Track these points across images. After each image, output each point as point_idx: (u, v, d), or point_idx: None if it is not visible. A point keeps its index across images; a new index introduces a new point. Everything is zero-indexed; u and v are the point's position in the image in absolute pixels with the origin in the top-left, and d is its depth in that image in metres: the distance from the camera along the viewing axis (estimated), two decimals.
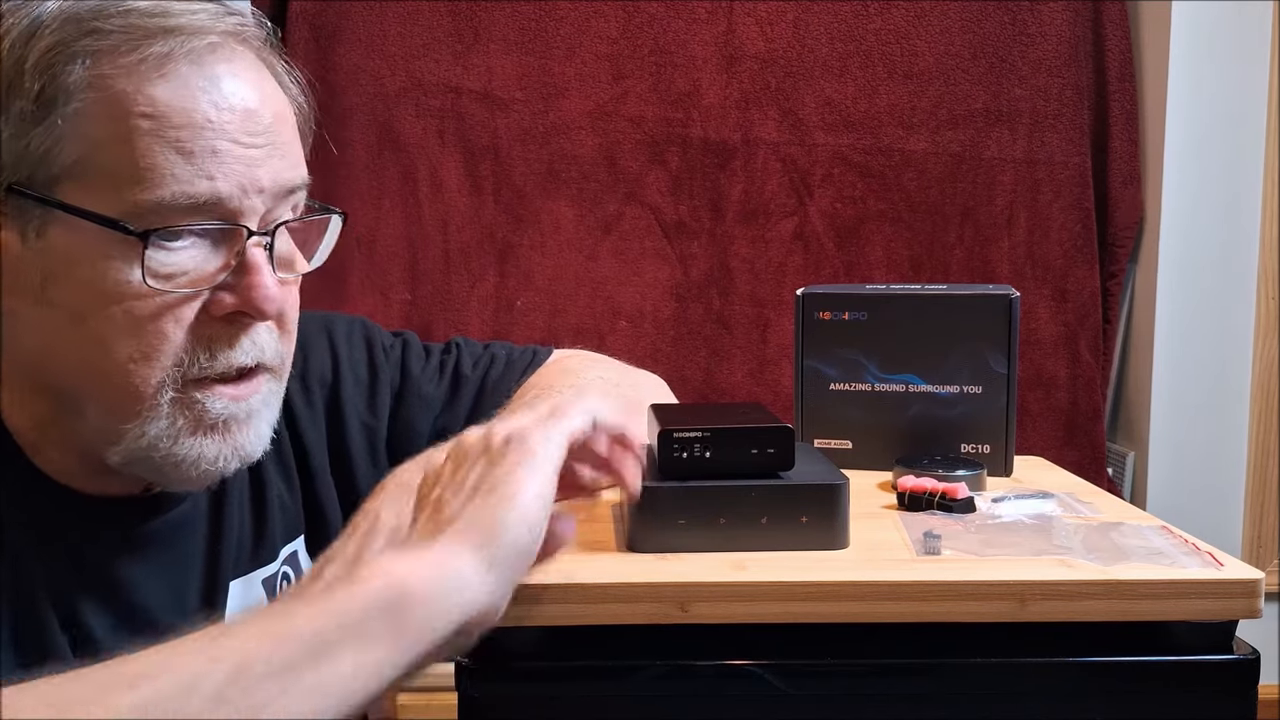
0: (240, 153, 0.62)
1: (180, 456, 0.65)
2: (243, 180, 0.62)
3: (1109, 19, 1.86)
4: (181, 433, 0.64)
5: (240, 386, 0.66)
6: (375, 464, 0.82)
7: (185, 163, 0.61)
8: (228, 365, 0.65)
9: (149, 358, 0.62)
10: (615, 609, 0.61)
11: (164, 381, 0.63)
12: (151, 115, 0.60)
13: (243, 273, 0.64)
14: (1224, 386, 1.90)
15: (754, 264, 1.88)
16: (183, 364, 0.63)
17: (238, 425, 0.66)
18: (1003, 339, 0.85)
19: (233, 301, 0.64)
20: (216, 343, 0.64)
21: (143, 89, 0.61)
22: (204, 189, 0.61)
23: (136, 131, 0.60)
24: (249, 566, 0.76)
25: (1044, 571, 0.62)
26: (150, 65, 0.61)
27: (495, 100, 1.84)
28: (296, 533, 0.80)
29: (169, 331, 0.63)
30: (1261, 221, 1.87)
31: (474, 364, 0.88)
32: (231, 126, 0.62)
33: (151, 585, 0.69)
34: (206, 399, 0.64)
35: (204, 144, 0.61)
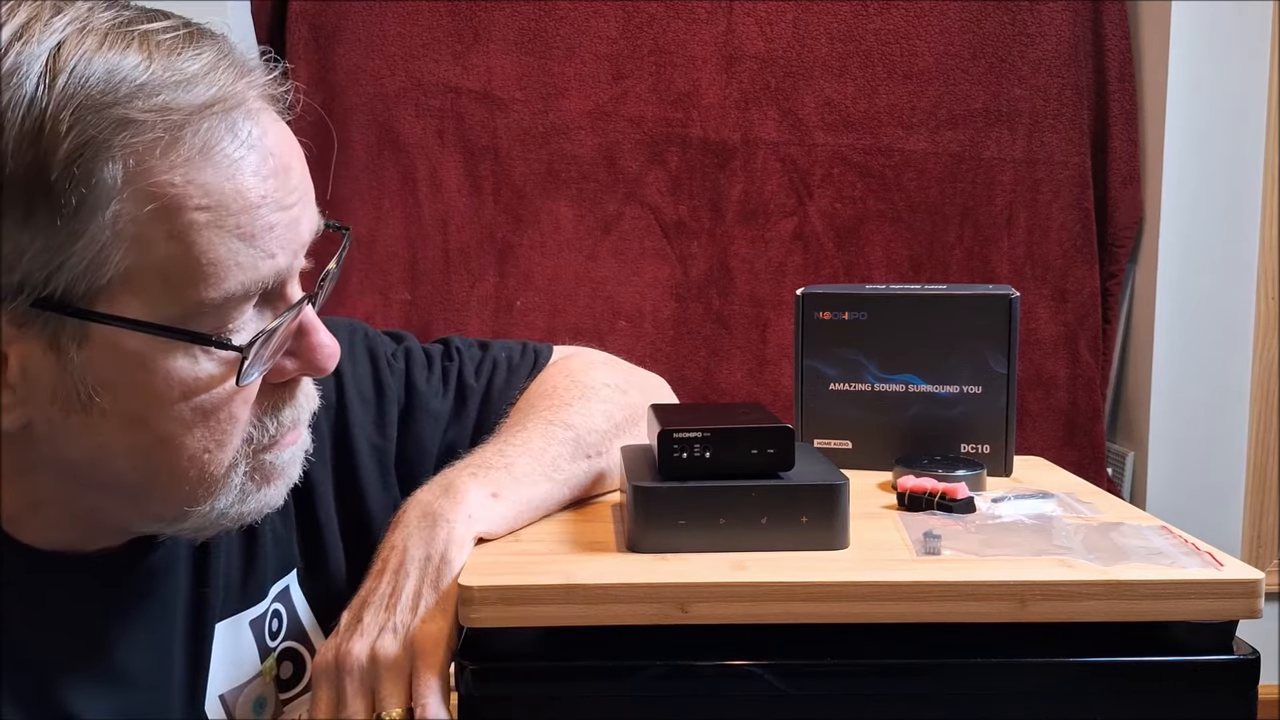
0: (286, 218, 0.60)
1: (246, 511, 0.64)
2: (293, 246, 0.61)
3: (1109, 19, 1.86)
4: (249, 494, 0.64)
5: (294, 432, 0.66)
6: (386, 485, 0.80)
7: (248, 248, 0.58)
8: (293, 423, 0.65)
9: (223, 444, 0.61)
10: (615, 609, 0.61)
11: (236, 460, 0.62)
12: (208, 207, 0.56)
13: (300, 335, 0.63)
14: (1224, 386, 1.90)
15: (753, 264, 1.88)
16: (252, 439, 0.63)
17: (294, 465, 0.67)
18: (1002, 339, 0.85)
19: (295, 367, 0.64)
20: (280, 407, 0.64)
21: (194, 180, 0.56)
22: (268, 269, 0.59)
23: (194, 227, 0.56)
24: (237, 607, 0.73)
25: (1044, 571, 0.62)
26: (198, 154, 0.56)
27: (495, 100, 1.84)
28: (289, 567, 0.77)
29: (239, 413, 0.61)
30: (1261, 221, 1.87)
31: (476, 371, 0.86)
32: (277, 193, 0.59)
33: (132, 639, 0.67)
34: (274, 457, 0.64)
35: (261, 223, 0.58)
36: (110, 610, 0.67)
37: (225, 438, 0.61)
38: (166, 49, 0.57)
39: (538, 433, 0.76)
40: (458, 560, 0.66)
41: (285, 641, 0.75)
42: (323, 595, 0.77)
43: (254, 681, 0.73)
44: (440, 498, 0.69)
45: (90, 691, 0.65)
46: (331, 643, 0.64)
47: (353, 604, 0.66)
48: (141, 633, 0.68)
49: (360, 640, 0.63)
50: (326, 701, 0.63)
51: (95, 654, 0.66)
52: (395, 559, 0.66)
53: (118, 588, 0.67)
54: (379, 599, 0.65)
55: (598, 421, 0.79)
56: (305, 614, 0.77)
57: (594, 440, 0.78)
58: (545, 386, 0.83)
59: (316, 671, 0.64)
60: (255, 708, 0.73)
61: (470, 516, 0.68)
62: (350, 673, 0.62)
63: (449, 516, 0.67)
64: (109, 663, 0.66)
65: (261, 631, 0.74)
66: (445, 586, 0.64)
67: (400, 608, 0.64)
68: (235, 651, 0.72)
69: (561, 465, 0.75)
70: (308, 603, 0.77)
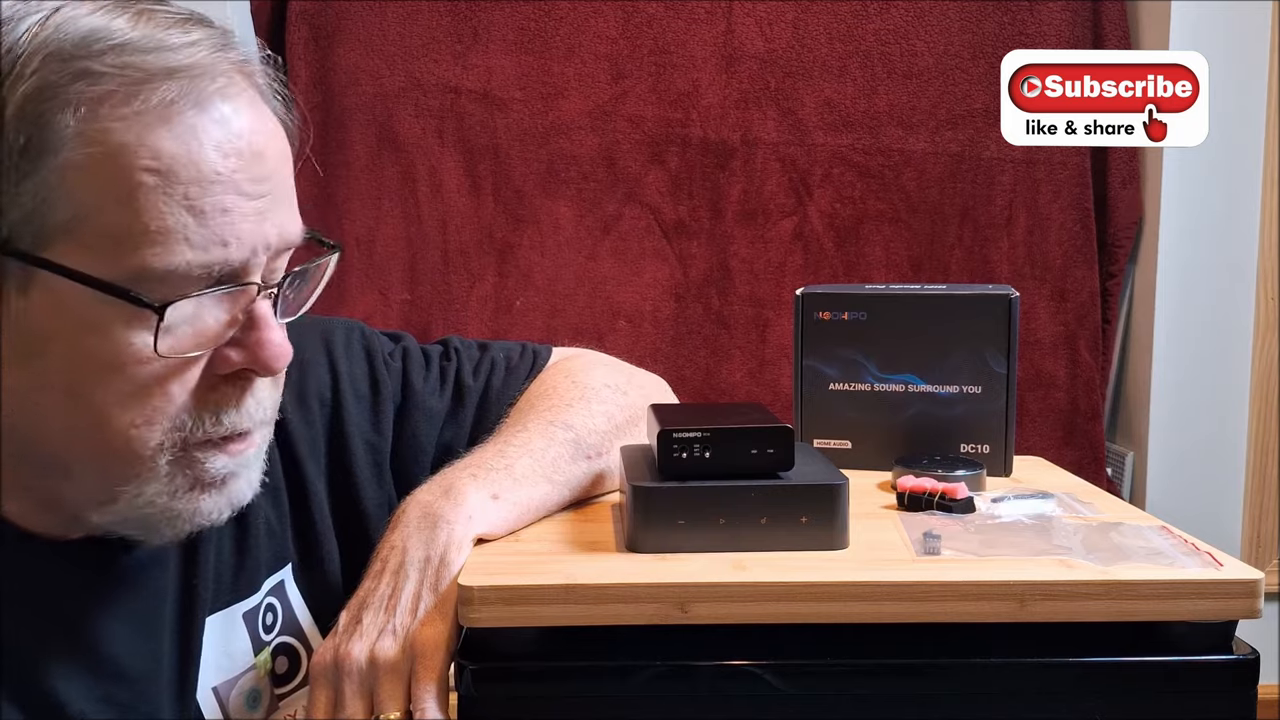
0: (248, 206, 0.59)
1: (176, 512, 0.62)
2: (253, 240, 0.59)
3: (1108, 19, 1.86)
4: (179, 490, 0.62)
5: (239, 443, 0.63)
6: (381, 483, 0.80)
7: (198, 225, 0.56)
8: (232, 428, 0.62)
9: (151, 422, 0.59)
10: (615, 609, 0.61)
11: (163, 444, 0.60)
12: (158, 170, 0.55)
13: (250, 328, 0.61)
14: (1223, 386, 1.90)
15: (753, 264, 1.88)
16: (185, 427, 0.60)
17: (234, 479, 0.64)
18: (1002, 339, 0.85)
19: (239, 359, 0.61)
20: (222, 406, 0.62)
21: (145, 140, 0.55)
22: (218, 256, 0.58)
23: (142, 189, 0.55)
24: (228, 599, 0.72)
25: (1044, 572, 0.62)
26: (153, 114, 0.56)
27: (495, 100, 1.84)
28: (283, 562, 0.76)
29: (174, 394, 0.59)
30: (1261, 221, 1.87)
31: (474, 371, 0.85)
32: (239, 175, 0.58)
33: (121, 630, 0.66)
34: (207, 458, 0.62)
35: (214, 200, 0.57)
36: (98, 600, 0.66)
37: (155, 415, 0.59)
38: (158, 23, 0.58)
39: (538, 433, 0.76)
40: (457, 562, 0.66)
41: (280, 636, 0.75)
42: (318, 591, 0.77)
43: (247, 675, 0.73)
44: (440, 499, 0.69)
45: (77, 681, 0.65)
46: (330, 643, 0.64)
47: (351, 604, 0.66)
48: (129, 623, 0.67)
49: (359, 642, 0.63)
50: (325, 702, 0.63)
51: (83, 644, 0.66)
52: (395, 560, 0.66)
53: (106, 577, 0.67)
54: (378, 600, 0.65)
55: (598, 422, 0.79)
56: (301, 609, 0.77)
57: (594, 441, 0.78)
58: (545, 387, 0.83)
59: (315, 672, 0.64)
60: (249, 701, 0.73)
61: (470, 518, 0.68)
62: (349, 674, 0.62)
63: (449, 518, 0.67)
64: (96, 653, 0.66)
65: (255, 625, 0.74)
66: (445, 588, 0.64)
67: (400, 610, 0.64)
68: (227, 644, 0.72)
69: (562, 466, 0.75)
70: (303, 598, 0.77)
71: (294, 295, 0.66)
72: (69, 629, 0.65)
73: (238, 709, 0.72)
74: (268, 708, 0.74)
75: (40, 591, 0.65)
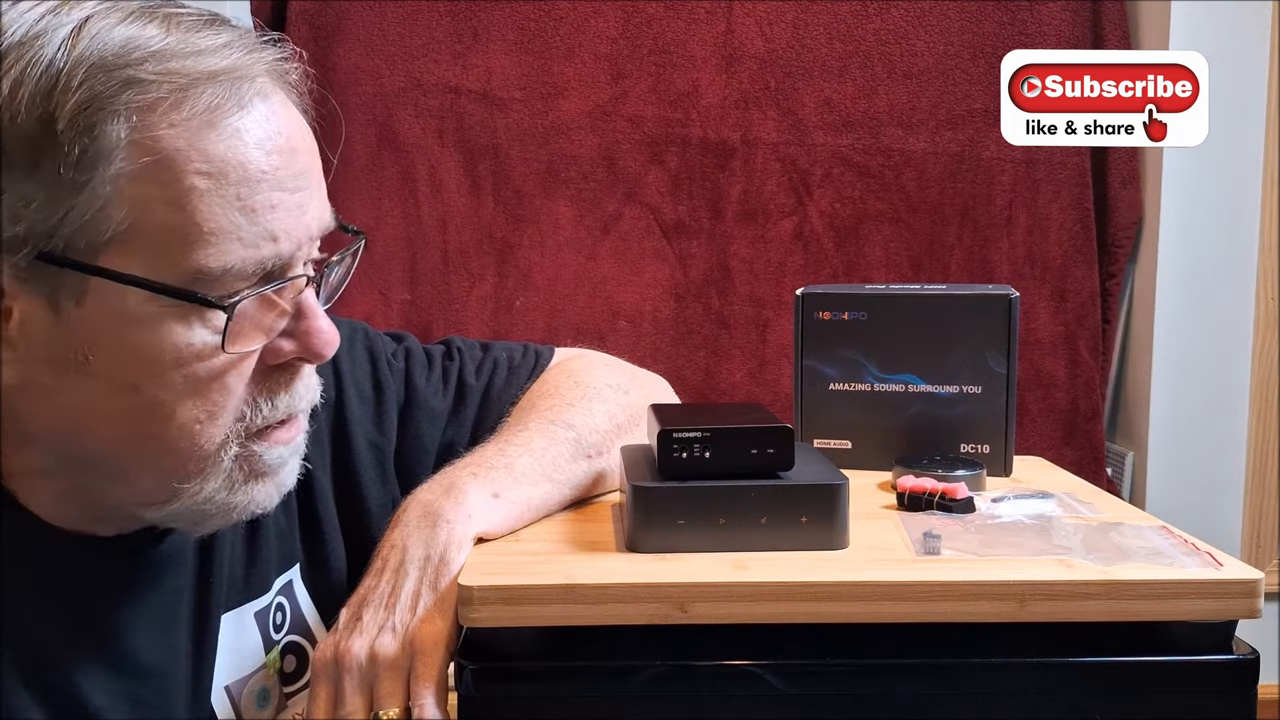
0: (290, 201, 0.61)
1: (233, 504, 0.64)
2: (298, 235, 0.61)
3: (1108, 19, 1.86)
4: (237, 483, 0.63)
5: (289, 429, 0.66)
6: (385, 483, 0.81)
7: (249, 223, 0.58)
8: (289, 411, 0.65)
9: (215, 416, 0.61)
10: (615, 609, 0.61)
11: (228, 437, 0.62)
12: (209, 174, 0.57)
13: (300, 318, 0.63)
14: (1223, 386, 1.90)
15: (753, 264, 1.88)
16: (245, 417, 0.62)
17: (284, 466, 0.66)
18: (1002, 339, 0.85)
19: (292, 349, 0.63)
20: (276, 392, 0.64)
21: (195, 145, 0.57)
22: (269, 252, 0.60)
23: (195, 193, 0.57)
24: (241, 599, 0.73)
25: (1044, 572, 0.62)
26: (201, 119, 0.57)
27: (494, 100, 1.84)
28: (292, 562, 0.77)
29: (234, 387, 0.61)
30: (1261, 221, 1.87)
31: (476, 371, 0.86)
32: (281, 172, 0.60)
33: (140, 626, 0.67)
34: (264, 450, 0.64)
35: (262, 199, 0.59)
36: (119, 597, 0.67)
37: (217, 410, 0.61)
38: (186, 27, 0.59)
39: (539, 432, 0.76)
40: (457, 560, 0.66)
41: (289, 635, 0.76)
42: (324, 590, 0.78)
43: (258, 674, 0.73)
44: (441, 497, 0.69)
45: (96, 676, 0.65)
46: (330, 640, 0.65)
47: (351, 601, 0.66)
48: (149, 621, 0.68)
49: (359, 639, 0.63)
50: (325, 698, 0.63)
51: (103, 639, 0.66)
52: (395, 558, 0.67)
53: (126, 573, 0.67)
54: (378, 597, 0.65)
55: (599, 422, 0.79)
56: (308, 609, 0.77)
57: (595, 440, 0.78)
58: (547, 387, 0.84)
59: (315, 668, 0.64)
60: (259, 700, 0.73)
61: (470, 517, 0.68)
62: (349, 671, 0.63)
63: (449, 516, 0.67)
64: (116, 649, 0.66)
65: (266, 624, 0.74)
66: (444, 587, 0.65)
67: (399, 607, 0.64)
68: (240, 643, 0.73)
69: (562, 465, 0.75)
70: (310, 598, 0.77)
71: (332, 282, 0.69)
72: (91, 625, 0.66)
73: (248, 708, 0.72)
74: (276, 706, 0.74)
75: (63, 587, 0.66)
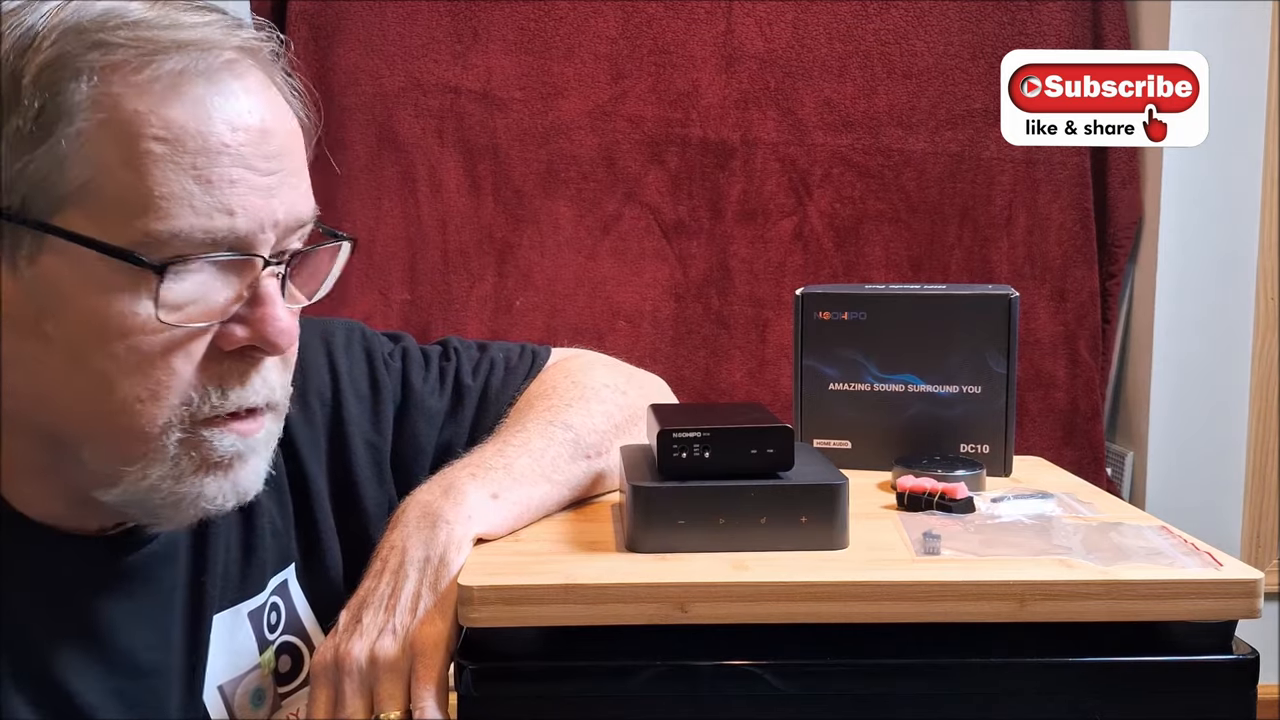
0: (256, 181, 0.59)
1: (181, 495, 0.62)
2: (260, 215, 0.60)
3: (1108, 19, 1.86)
4: (184, 472, 0.62)
5: (247, 423, 0.63)
6: (381, 483, 0.80)
7: (203, 193, 0.57)
8: (239, 404, 0.62)
9: (157, 396, 0.59)
10: (615, 609, 0.61)
11: (171, 421, 0.60)
12: (166, 139, 0.57)
13: (255, 304, 0.61)
14: (1223, 386, 1.90)
15: (753, 264, 1.88)
16: (191, 403, 0.61)
17: (240, 462, 0.64)
18: (1002, 339, 0.85)
19: (244, 335, 0.61)
20: (228, 380, 0.62)
21: (156, 110, 0.57)
22: (223, 225, 0.58)
23: (150, 156, 0.56)
24: (235, 598, 0.73)
25: (1043, 571, 0.62)
26: (164, 84, 0.57)
27: (494, 100, 1.84)
28: (287, 561, 0.77)
29: (178, 368, 0.60)
30: (1261, 221, 1.87)
31: (474, 371, 0.86)
32: (247, 149, 0.59)
33: (133, 624, 0.67)
34: (215, 437, 0.62)
35: (221, 171, 0.58)
36: (111, 595, 0.67)
37: (159, 389, 0.59)
38: (174, 6, 0.60)
39: (537, 433, 0.76)
40: (456, 562, 0.66)
41: (284, 635, 0.76)
42: (320, 591, 0.78)
43: (252, 673, 0.73)
44: (440, 498, 0.69)
45: (88, 675, 0.65)
46: (330, 642, 0.64)
47: (351, 603, 0.66)
48: (141, 619, 0.68)
49: (359, 641, 0.63)
50: (325, 701, 0.63)
51: (95, 638, 0.66)
52: (395, 559, 0.66)
53: (119, 572, 0.67)
54: (378, 599, 0.65)
55: (597, 422, 0.79)
56: (303, 609, 0.77)
57: (594, 441, 0.78)
58: (545, 387, 0.83)
59: (315, 670, 0.64)
60: (253, 700, 0.73)
61: (470, 518, 0.68)
62: (349, 673, 0.62)
63: (449, 517, 0.67)
64: (108, 647, 0.66)
65: (260, 624, 0.74)
66: (444, 588, 0.64)
67: (400, 609, 0.64)
68: (234, 642, 0.72)
69: (561, 466, 0.75)
70: (305, 597, 0.77)
71: (304, 282, 0.67)
72: (83, 623, 0.66)
73: (242, 708, 0.72)
74: (271, 706, 0.74)
75: (54, 585, 0.65)
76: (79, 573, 0.66)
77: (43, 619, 0.65)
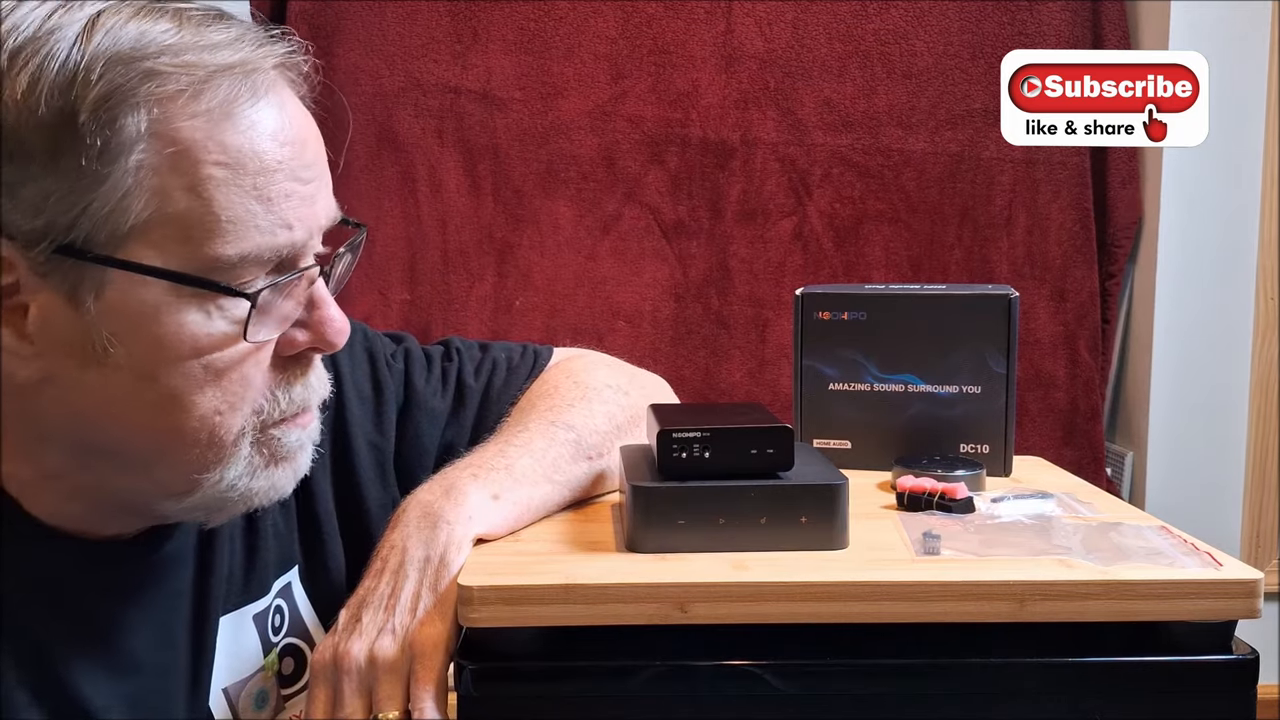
0: (303, 191, 0.62)
1: (254, 491, 0.64)
2: (310, 224, 0.62)
3: (1108, 19, 1.86)
4: (257, 469, 0.64)
5: (306, 415, 0.66)
6: (385, 483, 0.81)
7: (265, 211, 0.59)
8: (303, 403, 0.65)
9: (234, 407, 0.62)
10: (615, 609, 0.61)
11: (245, 428, 0.63)
12: (226, 164, 0.58)
13: (312, 308, 0.64)
14: (1223, 386, 1.90)
15: (753, 264, 1.88)
16: (262, 410, 0.63)
17: (302, 452, 0.67)
18: (1002, 339, 0.85)
19: (305, 339, 0.64)
20: (292, 384, 0.64)
21: (213, 136, 0.58)
22: (284, 240, 0.60)
23: (212, 182, 0.58)
24: (239, 601, 0.73)
25: (1043, 572, 0.62)
26: (218, 111, 0.58)
27: (494, 100, 1.84)
28: (290, 564, 0.77)
29: (252, 378, 0.62)
30: (1260, 221, 1.87)
31: (475, 371, 0.86)
32: (294, 162, 0.61)
33: (139, 627, 0.67)
34: (283, 434, 0.65)
35: (278, 188, 0.60)
36: (119, 597, 0.67)
37: (236, 400, 0.62)
38: (196, 22, 0.60)
39: (539, 433, 0.76)
40: (457, 562, 0.66)
41: (287, 637, 0.76)
42: (323, 592, 0.78)
43: (256, 676, 0.73)
44: (441, 498, 0.69)
45: (95, 676, 0.65)
46: (329, 642, 0.65)
47: (351, 603, 0.66)
48: (148, 622, 0.68)
49: (359, 640, 0.63)
50: (324, 700, 0.63)
51: (101, 640, 0.66)
52: (395, 559, 0.66)
53: (127, 575, 0.67)
54: (378, 599, 0.65)
55: (599, 422, 0.79)
56: (307, 610, 0.77)
57: (595, 441, 0.78)
58: (547, 387, 0.83)
59: (314, 670, 0.64)
60: (257, 702, 0.73)
61: (470, 518, 0.68)
62: (348, 673, 0.63)
63: (449, 518, 0.67)
64: (115, 649, 0.66)
65: (264, 626, 0.74)
66: (444, 588, 0.64)
67: (399, 609, 0.64)
68: (238, 645, 0.73)
69: (562, 466, 0.75)
70: (309, 599, 0.77)
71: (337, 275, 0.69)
72: (89, 626, 0.66)
73: (246, 710, 0.72)
74: (274, 708, 0.74)
75: (64, 589, 0.65)
76: (87, 577, 0.66)
77: (50, 622, 0.65)
